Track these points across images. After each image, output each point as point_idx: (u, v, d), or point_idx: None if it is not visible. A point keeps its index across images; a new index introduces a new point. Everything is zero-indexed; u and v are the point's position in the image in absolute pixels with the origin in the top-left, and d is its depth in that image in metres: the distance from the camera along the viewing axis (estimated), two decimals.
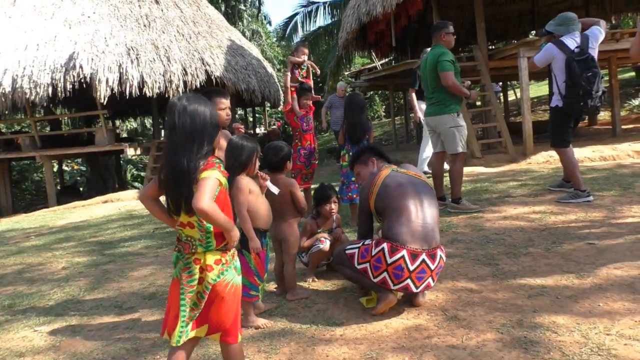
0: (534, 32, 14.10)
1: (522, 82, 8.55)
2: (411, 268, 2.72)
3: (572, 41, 4.78)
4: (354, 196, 4.91)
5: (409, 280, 2.74)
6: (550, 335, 2.42)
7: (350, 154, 5.01)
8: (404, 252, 2.73)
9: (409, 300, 2.99)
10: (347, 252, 3.00)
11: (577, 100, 4.74)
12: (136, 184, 20.17)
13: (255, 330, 2.81)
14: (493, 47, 14.96)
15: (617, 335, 2.36)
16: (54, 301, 3.86)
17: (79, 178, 21.44)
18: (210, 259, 2.08)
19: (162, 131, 19.49)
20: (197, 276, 2.07)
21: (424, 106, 6.28)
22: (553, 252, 3.57)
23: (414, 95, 7.76)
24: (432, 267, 2.79)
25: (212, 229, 2.07)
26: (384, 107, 26.30)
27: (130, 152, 13.41)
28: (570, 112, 4.87)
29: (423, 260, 2.74)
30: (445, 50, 4.98)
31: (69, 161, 21.45)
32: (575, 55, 4.67)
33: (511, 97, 19.08)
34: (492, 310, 2.77)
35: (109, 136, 12.84)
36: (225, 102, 3.27)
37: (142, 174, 19.55)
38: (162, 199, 2.17)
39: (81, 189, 18.78)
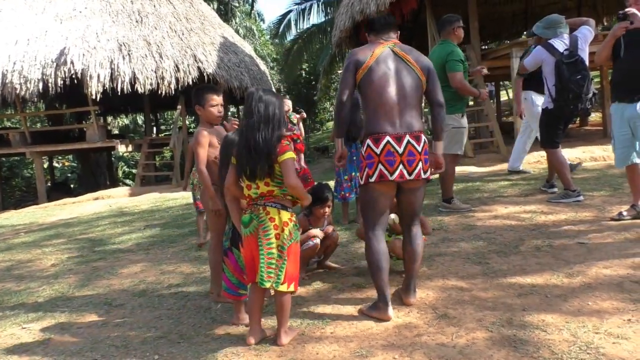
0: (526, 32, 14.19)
1: (515, 82, 8.58)
2: (400, 150, 2.75)
3: (561, 43, 4.78)
4: (347, 195, 4.91)
5: (401, 166, 2.75)
6: (540, 334, 2.43)
7: None
8: (387, 138, 2.76)
9: (400, 299, 3.00)
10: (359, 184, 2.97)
11: (567, 104, 4.75)
12: (127, 181, 20.09)
13: (245, 328, 2.80)
14: (486, 47, 15.02)
15: (606, 334, 2.37)
16: (42, 298, 3.83)
17: (69, 175, 21.31)
18: (285, 216, 2.54)
19: (154, 128, 19.40)
20: (272, 232, 2.51)
21: (538, 99, 5.72)
22: (543, 251, 3.59)
23: (520, 84, 6.31)
24: (419, 148, 2.79)
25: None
26: None
27: (121, 148, 13.36)
28: (560, 114, 4.90)
29: (409, 142, 2.76)
30: (454, 47, 4.83)
31: (60, 158, 21.31)
32: (565, 58, 4.67)
33: (503, 97, 19.19)
34: (482, 308, 2.78)
35: (100, 133, 12.77)
36: (217, 99, 3.25)
37: (134, 171, 19.45)
38: None
39: (72, 185, 18.68)
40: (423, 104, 3.34)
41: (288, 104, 6.64)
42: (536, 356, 2.23)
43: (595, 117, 13.21)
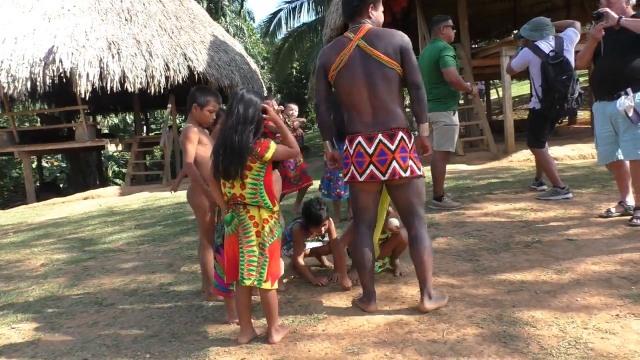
0: (515, 31, 14.28)
1: (504, 81, 8.65)
2: (370, 151, 2.74)
3: (546, 45, 4.86)
4: (342, 192, 4.90)
5: (372, 167, 2.74)
6: (529, 330, 2.45)
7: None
8: (359, 138, 2.77)
9: (391, 296, 3.01)
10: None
11: (553, 104, 4.83)
12: (117, 180, 19.94)
13: (236, 326, 2.79)
14: (476, 45, 15.08)
15: (594, 329, 2.40)
16: (32, 298, 3.80)
17: (58, 174, 21.11)
18: (265, 214, 2.55)
19: (144, 127, 19.27)
20: (252, 230, 2.54)
21: None
22: (533, 248, 3.63)
23: None
24: (392, 147, 2.71)
25: (263, 188, 2.54)
26: None
27: (111, 148, 13.27)
28: (547, 115, 4.97)
29: (380, 141, 2.73)
30: (446, 44, 4.89)
31: (49, 157, 21.11)
32: (550, 59, 4.75)
33: (493, 95, 19.29)
34: (472, 305, 2.80)
35: (90, 132, 12.67)
36: (216, 105, 3.24)
37: (124, 170, 19.31)
38: None
39: (61, 185, 18.51)
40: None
41: (293, 108, 6.50)
42: (526, 352, 2.25)
43: (583, 115, 13.33)
